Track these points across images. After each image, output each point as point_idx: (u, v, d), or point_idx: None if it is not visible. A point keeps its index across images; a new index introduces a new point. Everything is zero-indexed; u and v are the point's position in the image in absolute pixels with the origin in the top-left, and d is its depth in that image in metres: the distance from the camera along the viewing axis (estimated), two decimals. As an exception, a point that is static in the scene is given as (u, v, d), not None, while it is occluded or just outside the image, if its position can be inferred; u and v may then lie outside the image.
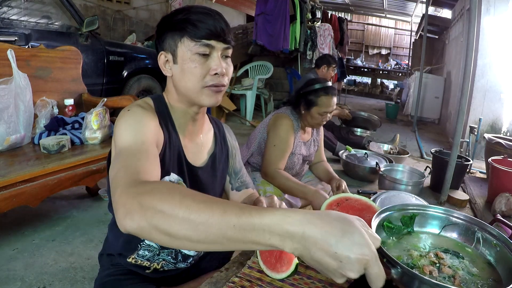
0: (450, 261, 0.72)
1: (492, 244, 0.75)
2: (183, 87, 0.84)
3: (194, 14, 0.80)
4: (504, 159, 2.70)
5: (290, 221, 0.44)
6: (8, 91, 1.75)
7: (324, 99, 1.77)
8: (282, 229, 0.44)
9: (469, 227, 0.80)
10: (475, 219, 0.80)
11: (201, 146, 0.97)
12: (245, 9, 9.31)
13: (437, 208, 0.85)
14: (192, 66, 0.80)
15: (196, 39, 0.79)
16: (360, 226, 0.45)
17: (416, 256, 0.73)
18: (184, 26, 0.79)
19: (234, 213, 0.45)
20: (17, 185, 1.51)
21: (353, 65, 11.48)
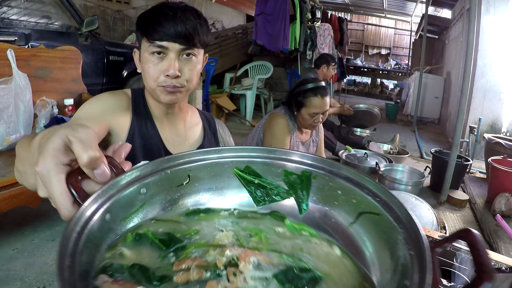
0: (259, 274, 0.39)
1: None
2: (145, 83, 0.88)
3: (155, 15, 0.82)
4: (504, 159, 2.70)
5: (36, 140, 0.43)
6: (8, 91, 1.75)
7: (312, 100, 1.72)
8: (34, 147, 0.43)
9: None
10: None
11: (184, 138, 0.99)
12: (245, 9, 9.31)
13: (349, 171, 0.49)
14: (147, 66, 0.84)
15: (150, 40, 0.81)
16: (59, 135, 0.38)
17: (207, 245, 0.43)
18: (144, 27, 0.83)
19: (31, 142, 0.46)
20: (17, 185, 1.51)
21: (353, 65, 11.48)
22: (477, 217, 2.56)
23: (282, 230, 0.48)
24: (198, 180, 0.52)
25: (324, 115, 1.78)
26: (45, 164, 0.37)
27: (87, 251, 0.35)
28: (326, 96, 1.75)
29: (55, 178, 0.37)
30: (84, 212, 0.37)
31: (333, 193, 0.49)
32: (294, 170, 0.52)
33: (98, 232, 0.38)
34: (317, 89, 1.74)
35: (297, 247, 0.44)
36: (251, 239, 0.45)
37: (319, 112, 1.74)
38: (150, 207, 0.48)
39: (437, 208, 2.69)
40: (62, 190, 0.37)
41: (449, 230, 2.31)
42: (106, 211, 0.40)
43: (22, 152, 0.54)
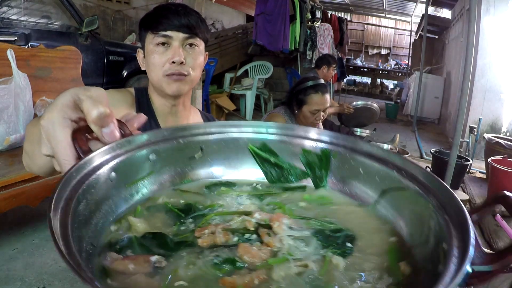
0: (294, 234, 0.38)
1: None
2: (151, 77, 0.91)
3: (158, 11, 0.87)
4: (503, 159, 2.70)
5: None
6: (8, 91, 1.75)
7: (313, 97, 1.75)
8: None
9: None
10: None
11: None
12: (245, 9, 9.31)
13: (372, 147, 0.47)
14: (152, 56, 0.87)
15: (155, 31, 0.85)
16: (68, 93, 0.37)
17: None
18: (148, 23, 0.87)
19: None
20: (17, 185, 1.51)
21: (353, 65, 11.48)
22: (477, 217, 2.56)
23: (304, 204, 0.47)
24: (211, 154, 0.49)
25: (325, 112, 1.79)
26: (51, 117, 0.35)
27: (84, 204, 0.32)
28: (326, 93, 1.78)
29: (61, 131, 0.35)
30: (87, 162, 0.34)
31: (355, 171, 0.46)
32: (312, 149, 0.49)
33: (100, 189, 0.35)
34: (318, 87, 1.77)
35: (322, 214, 0.44)
36: (275, 211, 0.44)
37: (320, 109, 1.76)
38: (159, 176, 0.45)
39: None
40: (67, 143, 0.35)
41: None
42: (111, 169, 0.37)
43: (31, 130, 0.53)
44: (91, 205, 0.34)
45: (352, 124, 4.59)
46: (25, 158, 0.57)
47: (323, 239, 0.38)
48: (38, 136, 0.45)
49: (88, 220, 0.33)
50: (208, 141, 0.49)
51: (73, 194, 0.31)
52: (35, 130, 0.50)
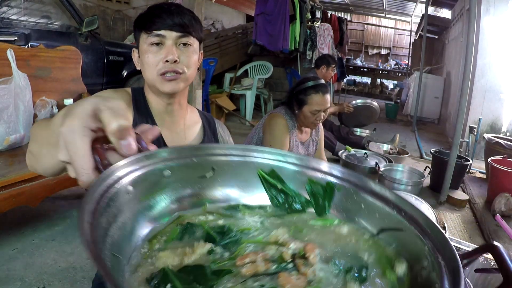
0: (321, 265, 0.41)
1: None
2: (145, 77, 0.91)
3: (151, 11, 0.88)
4: (503, 159, 2.70)
5: (58, 115, 0.44)
6: (8, 91, 1.75)
7: (314, 97, 1.74)
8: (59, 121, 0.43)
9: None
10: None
11: (183, 136, 1.01)
12: (245, 9, 9.31)
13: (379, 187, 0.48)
14: (146, 56, 0.88)
15: (148, 31, 0.87)
16: (88, 101, 0.38)
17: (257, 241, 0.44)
18: (142, 22, 0.89)
19: (49, 121, 0.49)
20: (17, 185, 1.51)
21: (352, 65, 11.47)
22: (477, 217, 2.56)
23: (315, 223, 0.49)
24: (221, 175, 0.51)
25: (325, 113, 1.79)
26: (72, 125, 0.36)
27: (106, 217, 0.34)
28: (327, 93, 1.78)
29: (80, 139, 0.36)
30: (107, 177, 0.36)
31: (356, 206, 0.49)
32: (319, 180, 0.51)
33: (117, 202, 0.37)
34: (319, 87, 1.76)
35: (338, 239, 0.46)
36: (301, 234, 0.46)
37: (321, 109, 1.75)
38: (173, 192, 0.46)
39: (437, 208, 2.69)
40: (85, 152, 0.36)
41: (449, 230, 2.31)
42: (129, 183, 0.38)
43: (40, 131, 0.54)
44: (110, 218, 0.35)
45: (352, 124, 4.60)
46: (29, 158, 0.57)
47: (348, 270, 0.41)
48: (48, 139, 0.47)
49: (109, 232, 0.35)
50: (220, 162, 0.50)
51: (96, 208, 0.32)
52: (44, 132, 0.51)
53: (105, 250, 0.33)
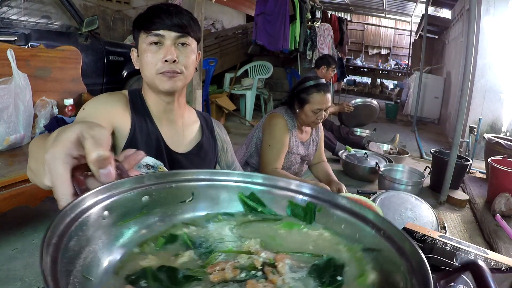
0: (291, 275, 0.41)
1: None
2: (144, 75, 0.93)
3: (150, 11, 0.90)
4: (503, 159, 2.70)
5: (51, 136, 0.43)
6: (8, 91, 1.75)
7: (316, 96, 1.75)
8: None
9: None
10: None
11: (182, 135, 1.02)
12: (245, 9, 9.31)
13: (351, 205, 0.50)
14: (145, 55, 0.90)
15: (147, 31, 0.88)
16: (76, 128, 0.39)
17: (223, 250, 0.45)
18: (141, 22, 0.90)
19: (46, 140, 0.47)
20: (17, 185, 1.51)
21: (353, 65, 11.48)
22: (477, 217, 2.56)
23: (283, 231, 0.50)
24: (201, 199, 0.51)
25: (326, 112, 1.80)
26: (55, 152, 0.37)
27: (75, 240, 0.35)
28: (328, 92, 1.79)
29: (61, 166, 0.37)
30: (82, 201, 0.37)
31: (337, 226, 0.49)
32: (299, 202, 0.52)
33: (91, 226, 0.38)
34: (320, 86, 1.78)
35: (307, 242, 0.48)
36: (273, 243, 0.47)
37: (322, 108, 1.77)
38: (149, 217, 0.47)
39: (437, 208, 2.69)
40: (65, 179, 0.37)
41: (449, 230, 2.31)
42: (104, 208, 0.39)
43: (36, 149, 0.54)
44: (82, 241, 0.36)
45: (353, 123, 4.60)
46: (29, 173, 0.58)
47: (319, 276, 0.41)
48: (43, 156, 0.47)
49: (78, 254, 0.36)
50: (200, 187, 0.51)
51: (66, 231, 0.34)
52: (40, 150, 0.51)
53: (74, 271, 0.34)
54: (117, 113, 0.89)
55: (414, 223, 0.89)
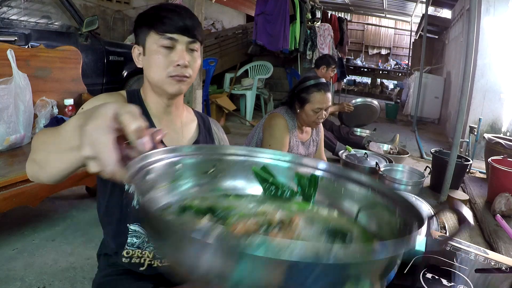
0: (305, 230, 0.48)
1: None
2: (150, 77, 0.92)
3: (162, 11, 0.88)
4: (504, 159, 2.70)
5: (74, 119, 0.50)
6: (8, 91, 1.75)
7: (316, 95, 1.76)
8: (72, 127, 0.50)
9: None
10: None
11: (180, 134, 1.03)
12: (245, 9, 9.32)
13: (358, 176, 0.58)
14: (156, 57, 0.88)
15: (160, 32, 0.87)
16: (110, 106, 0.44)
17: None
18: (152, 21, 0.88)
19: (60, 128, 0.54)
20: (17, 185, 1.51)
21: (353, 65, 11.48)
22: (477, 217, 2.56)
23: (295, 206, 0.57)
24: (221, 171, 0.59)
25: (327, 111, 1.80)
26: (97, 125, 0.42)
27: (147, 178, 0.46)
28: (328, 91, 1.80)
29: (105, 136, 0.42)
30: (133, 165, 0.43)
31: (337, 192, 0.57)
32: (304, 173, 0.60)
33: (141, 187, 0.45)
34: (320, 85, 1.78)
35: (318, 217, 0.54)
36: (287, 212, 0.53)
37: (323, 108, 1.77)
38: (182, 181, 0.54)
39: (437, 208, 2.69)
40: (111, 147, 0.42)
41: (449, 230, 2.31)
42: (147, 172, 0.46)
43: (46, 139, 0.56)
44: (148, 184, 0.48)
45: (353, 123, 4.60)
46: (32, 167, 0.60)
47: (332, 234, 0.48)
48: (58, 144, 0.52)
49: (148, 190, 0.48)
50: (221, 160, 0.59)
51: (144, 168, 0.45)
52: (51, 139, 0.55)
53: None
54: None
55: (414, 223, 0.89)
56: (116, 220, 0.94)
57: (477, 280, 0.67)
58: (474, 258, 0.74)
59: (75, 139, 0.46)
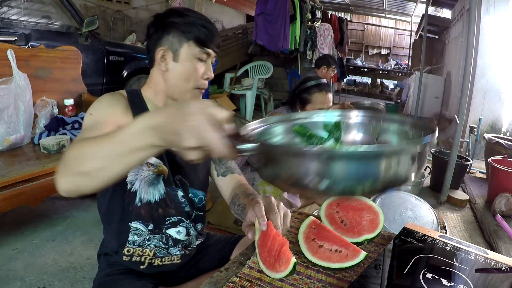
0: None
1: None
2: (175, 83, 0.93)
3: (200, 21, 0.90)
4: (504, 159, 2.70)
5: (142, 121, 0.52)
6: (8, 91, 1.75)
7: (318, 96, 1.77)
8: (141, 129, 0.51)
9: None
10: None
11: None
12: (245, 9, 9.32)
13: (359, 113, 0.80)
14: (190, 67, 0.91)
15: (200, 45, 0.90)
16: (196, 103, 0.50)
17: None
18: (191, 31, 0.89)
19: (115, 133, 0.54)
20: (17, 185, 1.51)
21: (353, 65, 11.48)
22: (477, 217, 2.56)
23: None
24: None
25: None
26: (200, 120, 0.48)
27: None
28: (330, 92, 1.81)
29: (212, 128, 0.48)
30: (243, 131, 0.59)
31: (357, 127, 0.74)
32: (329, 123, 0.77)
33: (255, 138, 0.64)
34: (321, 85, 1.79)
35: None
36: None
37: (325, 108, 1.79)
38: (277, 138, 0.74)
39: (437, 208, 2.69)
40: (220, 136, 0.48)
41: (449, 230, 2.31)
42: (252, 136, 0.63)
43: (100, 145, 0.55)
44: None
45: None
46: (76, 182, 0.58)
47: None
48: (118, 149, 0.53)
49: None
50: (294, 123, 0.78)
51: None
52: (107, 145, 0.54)
53: None
54: (119, 113, 0.89)
55: (414, 223, 0.89)
56: (118, 218, 0.94)
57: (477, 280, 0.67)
58: (474, 258, 0.74)
59: (147, 139, 0.51)
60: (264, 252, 0.74)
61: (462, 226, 2.44)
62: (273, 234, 0.75)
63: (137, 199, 0.92)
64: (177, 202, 0.98)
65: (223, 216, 2.11)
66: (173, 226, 0.98)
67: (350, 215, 0.87)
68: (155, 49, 0.92)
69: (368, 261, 0.77)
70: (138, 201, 0.92)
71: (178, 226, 0.99)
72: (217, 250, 1.09)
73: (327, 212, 0.89)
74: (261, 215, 0.77)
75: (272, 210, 0.80)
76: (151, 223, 0.95)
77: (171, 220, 0.98)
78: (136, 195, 0.92)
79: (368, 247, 0.85)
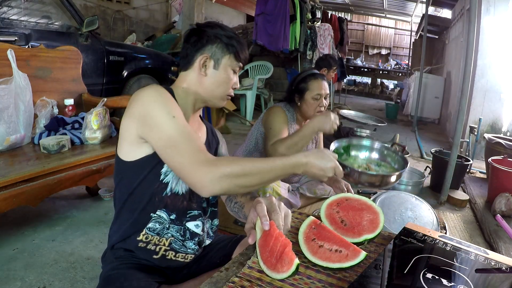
0: (374, 167, 1.38)
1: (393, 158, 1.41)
2: (212, 88, 1.04)
3: (237, 38, 1.05)
4: (504, 159, 2.70)
5: (301, 158, 0.92)
6: (8, 91, 1.75)
7: (314, 82, 1.81)
8: (298, 162, 0.92)
9: (382, 150, 1.43)
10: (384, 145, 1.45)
11: (198, 133, 1.12)
12: (245, 9, 9.32)
13: (365, 141, 1.45)
14: (226, 77, 1.04)
15: (238, 60, 1.05)
16: (329, 153, 0.96)
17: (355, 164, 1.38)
18: (234, 46, 1.03)
19: (279, 160, 0.91)
20: (17, 185, 1.51)
21: (353, 65, 11.47)
22: (477, 217, 2.56)
23: None
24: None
25: (326, 100, 1.83)
26: (334, 159, 0.97)
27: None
28: (325, 80, 1.86)
29: (337, 163, 0.97)
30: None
31: (360, 150, 1.38)
32: (340, 147, 1.33)
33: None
34: (316, 74, 1.85)
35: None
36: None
37: (322, 94, 1.81)
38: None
39: (437, 208, 2.69)
40: (340, 167, 0.98)
41: (449, 230, 2.31)
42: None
43: (268, 172, 0.89)
44: None
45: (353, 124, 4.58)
46: (231, 189, 0.86)
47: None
48: (286, 170, 0.93)
49: None
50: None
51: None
52: (280, 165, 0.92)
53: None
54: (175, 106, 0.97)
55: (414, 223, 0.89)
56: (141, 206, 0.95)
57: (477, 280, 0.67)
58: (474, 258, 0.74)
59: (299, 170, 0.93)
60: (265, 252, 0.74)
61: (462, 226, 2.44)
62: (276, 235, 0.75)
63: (168, 189, 0.96)
64: (198, 197, 1.02)
65: (223, 216, 2.11)
66: (192, 220, 1.02)
67: (350, 215, 0.87)
68: (196, 55, 1.01)
69: (368, 261, 0.77)
70: (168, 191, 0.96)
71: (197, 219, 1.03)
72: (218, 250, 1.12)
73: (327, 212, 0.89)
74: (263, 215, 0.78)
75: (274, 210, 0.81)
76: (174, 214, 0.98)
77: (192, 214, 1.02)
78: (168, 186, 0.96)
79: (368, 247, 0.85)
